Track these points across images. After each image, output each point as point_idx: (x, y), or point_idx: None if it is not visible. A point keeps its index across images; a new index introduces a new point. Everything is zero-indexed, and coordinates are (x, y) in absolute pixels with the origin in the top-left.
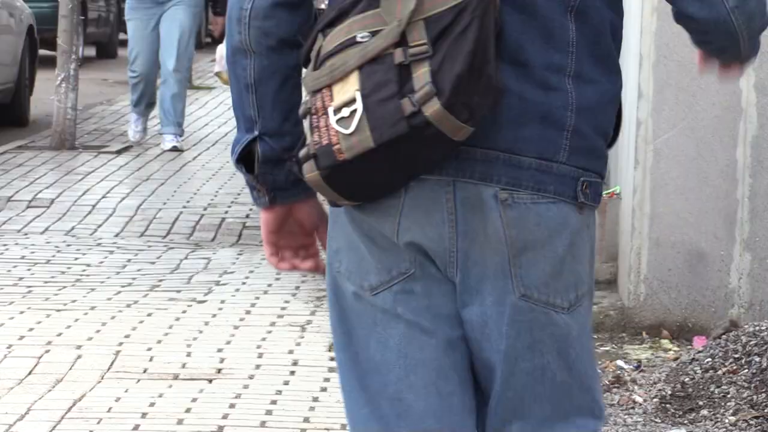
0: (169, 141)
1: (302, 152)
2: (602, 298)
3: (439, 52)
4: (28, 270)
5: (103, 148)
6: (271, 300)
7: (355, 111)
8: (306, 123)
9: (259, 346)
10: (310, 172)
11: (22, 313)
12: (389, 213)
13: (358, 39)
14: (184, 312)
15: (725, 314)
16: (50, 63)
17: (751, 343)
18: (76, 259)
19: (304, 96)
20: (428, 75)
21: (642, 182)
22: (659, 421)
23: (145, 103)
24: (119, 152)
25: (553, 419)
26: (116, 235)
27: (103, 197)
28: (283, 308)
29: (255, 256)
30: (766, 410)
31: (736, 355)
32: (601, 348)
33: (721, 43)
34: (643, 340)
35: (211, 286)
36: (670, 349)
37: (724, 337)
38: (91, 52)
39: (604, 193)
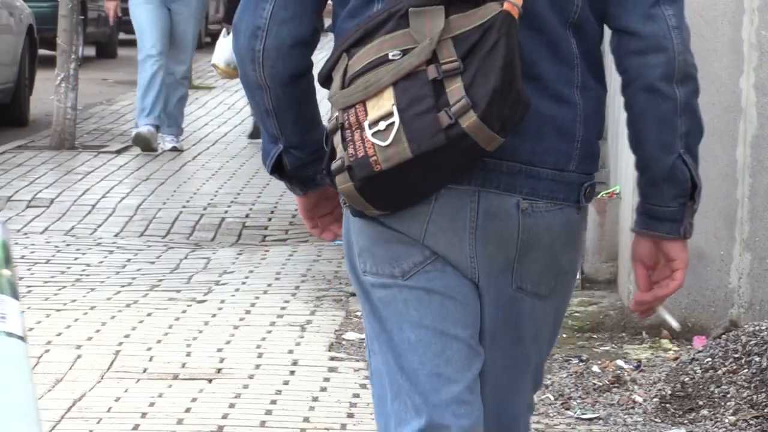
0: (169, 141)
1: (335, 165)
2: (602, 298)
3: (471, 68)
4: (28, 270)
5: (102, 147)
6: (271, 300)
7: (392, 124)
8: (337, 137)
9: (258, 346)
10: (343, 183)
11: (21, 312)
12: (417, 219)
13: (390, 57)
14: (183, 312)
15: (725, 314)
16: (50, 63)
17: (751, 342)
18: (76, 259)
19: (333, 112)
20: (462, 90)
21: None
22: (659, 421)
23: (161, 102)
24: (119, 152)
25: (513, 392)
26: (116, 235)
27: (103, 197)
28: (283, 308)
29: (255, 256)
30: (766, 410)
31: (736, 355)
32: (601, 348)
33: (657, 68)
34: (643, 339)
35: (210, 286)
36: (670, 349)
37: (724, 336)
38: (91, 51)
39: (604, 192)
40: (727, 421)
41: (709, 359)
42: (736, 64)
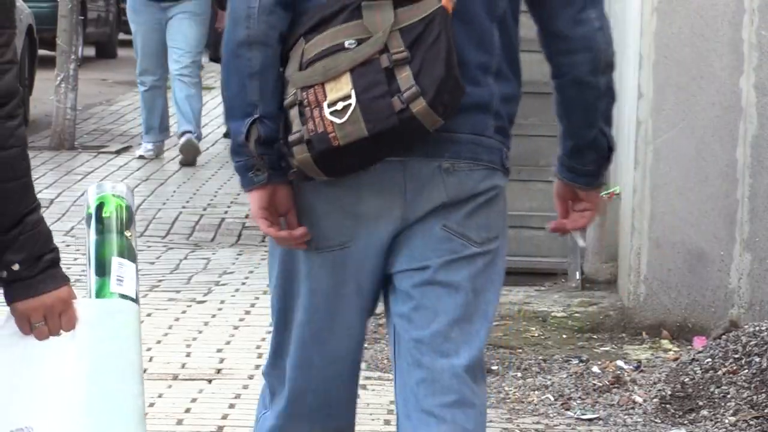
0: (186, 137)
1: (294, 137)
2: (602, 299)
3: (417, 58)
4: None
5: (102, 148)
6: None
7: (349, 105)
8: (293, 112)
9: (258, 346)
10: (301, 153)
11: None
12: (350, 188)
13: (346, 45)
14: (183, 312)
15: (725, 314)
16: (50, 63)
17: (751, 343)
18: (76, 259)
19: (290, 90)
20: (411, 78)
21: (642, 182)
22: (659, 421)
23: (158, 123)
24: (119, 152)
25: (453, 326)
26: None
27: None
28: None
29: (255, 256)
30: (766, 410)
31: (736, 356)
32: (601, 348)
33: (585, 64)
34: (643, 340)
35: (210, 287)
36: (670, 350)
37: (724, 337)
38: (91, 52)
39: (604, 193)
40: (727, 421)
41: (709, 360)
42: (736, 64)
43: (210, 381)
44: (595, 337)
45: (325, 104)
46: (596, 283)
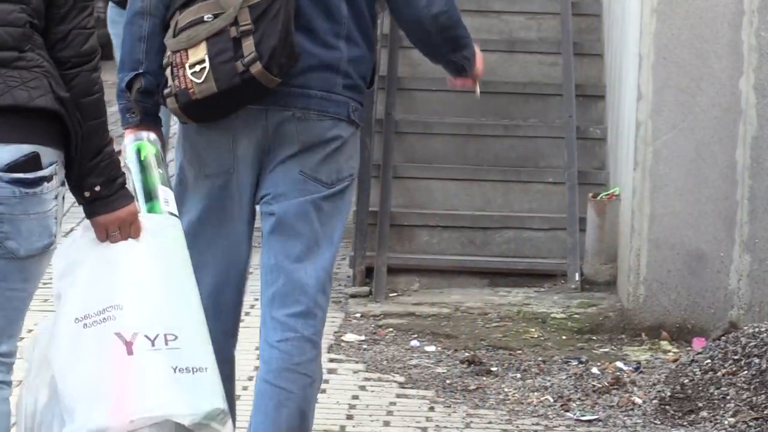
0: None
1: (167, 91)
2: (602, 300)
3: (260, 30)
4: None
5: None
6: None
7: (204, 68)
8: (167, 72)
9: (258, 348)
10: (172, 104)
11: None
12: (226, 131)
13: (205, 19)
14: None
15: (725, 316)
16: None
17: (751, 344)
18: None
19: (167, 53)
20: (253, 46)
21: (641, 183)
22: (659, 422)
23: None
24: (118, 153)
25: (304, 249)
26: None
27: None
28: None
29: (254, 259)
30: (765, 412)
31: (736, 357)
32: (601, 349)
33: (428, 8)
34: (643, 341)
35: None
36: (669, 351)
37: (723, 338)
38: None
39: (603, 194)
40: (726, 422)
41: (709, 361)
42: (736, 65)
43: None
44: (594, 338)
45: (187, 65)
46: (596, 284)
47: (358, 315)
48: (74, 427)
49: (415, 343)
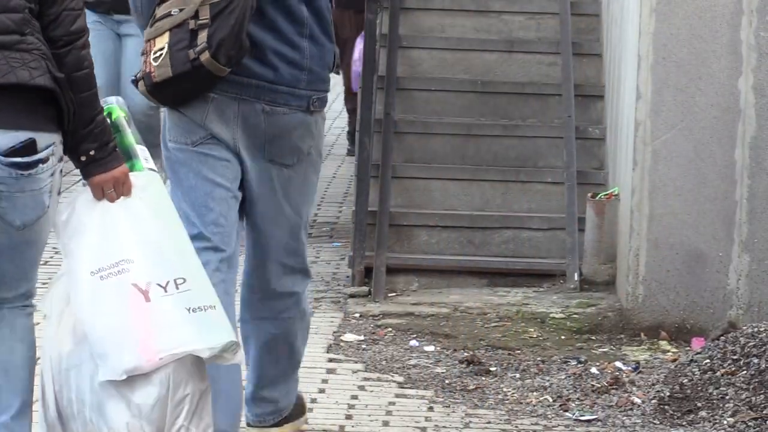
0: None
1: (139, 74)
2: (601, 300)
3: (214, 24)
4: None
5: None
6: None
7: (164, 54)
8: (141, 58)
9: None
10: (141, 87)
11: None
12: (200, 112)
13: (172, 13)
14: None
15: (724, 315)
16: None
17: (750, 344)
18: None
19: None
20: (206, 37)
21: (640, 183)
22: (658, 422)
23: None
24: None
25: (282, 236)
26: None
27: None
28: None
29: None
30: (764, 412)
31: (735, 357)
32: (600, 349)
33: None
34: (642, 341)
35: None
36: (668, 351)
37: (722, 338)
38: None
39: (602, 194)
40: (725, 422)
41: (708, 361)
42: (735, 65)
43: None
44: (593, 338)
45: (151, 53)
46: (595, 284)
47: (357, 315)
48: (109, 368)
49: (414, 343)
